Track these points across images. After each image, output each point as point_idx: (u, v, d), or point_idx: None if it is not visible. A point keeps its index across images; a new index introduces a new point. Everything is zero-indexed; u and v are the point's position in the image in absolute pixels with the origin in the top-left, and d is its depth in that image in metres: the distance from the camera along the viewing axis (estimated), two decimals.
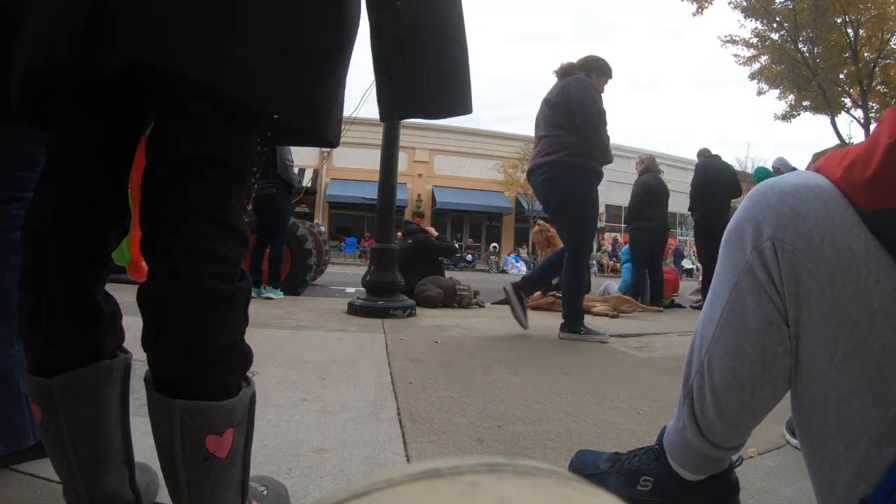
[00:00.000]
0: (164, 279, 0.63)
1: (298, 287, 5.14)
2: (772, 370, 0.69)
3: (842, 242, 0.61)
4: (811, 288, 0.63)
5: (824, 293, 0.62)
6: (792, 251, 0.64)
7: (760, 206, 0.68)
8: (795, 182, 0.66)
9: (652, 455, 0.91)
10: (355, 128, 3.98)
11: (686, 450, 0.83)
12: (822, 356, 0.64)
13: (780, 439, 1.36)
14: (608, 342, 2.90)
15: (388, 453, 1.19)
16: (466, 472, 0.18)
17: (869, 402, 0.61)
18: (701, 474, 0.84)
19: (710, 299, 0.77)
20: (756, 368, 0.70)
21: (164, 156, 0.65)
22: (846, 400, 0.63)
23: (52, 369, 0.66)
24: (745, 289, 0.69)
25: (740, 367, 0.71)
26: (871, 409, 0.61)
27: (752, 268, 0.67)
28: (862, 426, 0.62)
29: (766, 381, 0.70)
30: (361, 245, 19.35)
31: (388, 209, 3.78)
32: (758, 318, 0.68)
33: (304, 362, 2.04)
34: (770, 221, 0.66)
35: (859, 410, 0.62)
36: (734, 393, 0.73)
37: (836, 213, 0.63)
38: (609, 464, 0.99)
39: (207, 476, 0.64)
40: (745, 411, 0.74)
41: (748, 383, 0.71)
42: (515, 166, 21.55)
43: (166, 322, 0.63)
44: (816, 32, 10.95)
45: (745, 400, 0.72)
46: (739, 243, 0.70)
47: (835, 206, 0.63)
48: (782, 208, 0.65)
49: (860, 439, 0.62)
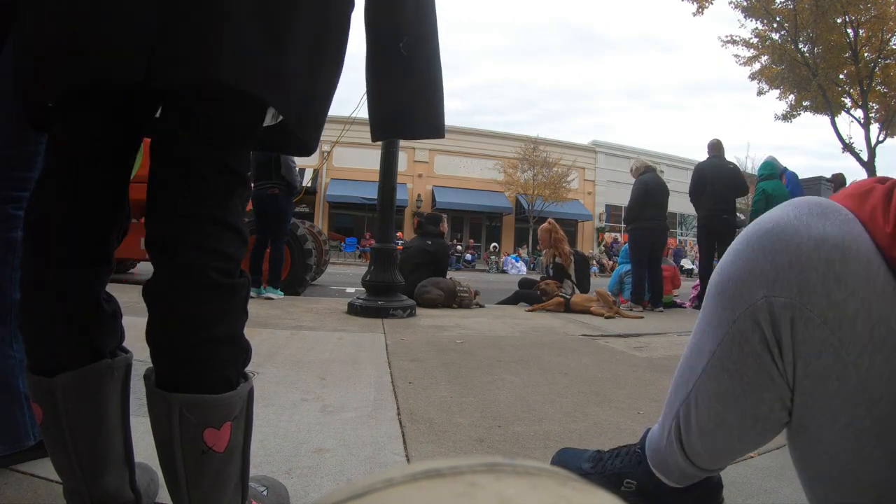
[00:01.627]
0: (167, 273, 0.65)
1: (298, 287, 5.14)
2: (765, 424, 0.63)
3: (878, 317, 0.51)
4: (833, 367, 0.53)
5: (847, 374, 0.53)
6: (819, 324, 0.52)
7: (782, 251, 0.54)
8: (837, 228, 0.53)
9: (634, 458, 0.90)
10: (355, 128, 3.97)
11: (669, 464, 0.81)
12: (833, 427, 0.56)
13: (780, 439, 1.36)
14: (608, 342, 2.90)
15: (388, 453, 1.19)
16: (466, 472, 0.18)
17: (883, 464, 0.55)
18: (681, 484, 0.83)
19: (698, 330, 0.68)
20: (747, 420, 0.63)
21: (171, 157, 0.67)
22: (854, 462, 0.56)
23: (54, 368, 0.67)
24: (745, 337, 0.59)
25: (730, 414, 0.64)
26: (886, 470, 0.55)
27: (757, 318, 0.57)
28: (870, 482, 0.57)
29: (759, 430, 0.64)
30: (361, 245, 19.35)
31: (388, 209, 3.78)
32: (757, 371, 0.59)
33: (304, 362, 2.04)
34: (794, 276, 0.53)
35: (871, 472, 0.56)
36: (722, 435, 0.68)
37: (877, 279, 0.51)
38: (591, 464, 0.98)
39: (206, 470, 0.65)
40: (732, 451, 0.72)
41: (737, 431, 0.66)
42: (515, 166, 21.56)
43: (170, 314, 0.65)
44: (817, 32, 10.95)
45: (733, 444, 0.69)
46: (739, 288, 0.59)
47: (876, 270, 0.52)
48: (816, 263, 0.52)
49: (867, 490, 0.58)
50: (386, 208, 3.77)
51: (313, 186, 20.39)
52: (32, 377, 0.68)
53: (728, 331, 0.60)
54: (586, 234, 24.52)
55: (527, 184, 21.40)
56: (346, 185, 20.63)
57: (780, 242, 0.54)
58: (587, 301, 4.47)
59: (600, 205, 24.63)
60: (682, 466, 0.78)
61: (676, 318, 4.42)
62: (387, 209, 3.78)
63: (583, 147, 25.10)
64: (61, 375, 0.67)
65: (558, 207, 21.36)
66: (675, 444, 0.76)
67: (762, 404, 0.61)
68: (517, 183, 21.55)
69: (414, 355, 2.28)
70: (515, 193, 22.04)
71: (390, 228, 3.87)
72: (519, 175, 21.64)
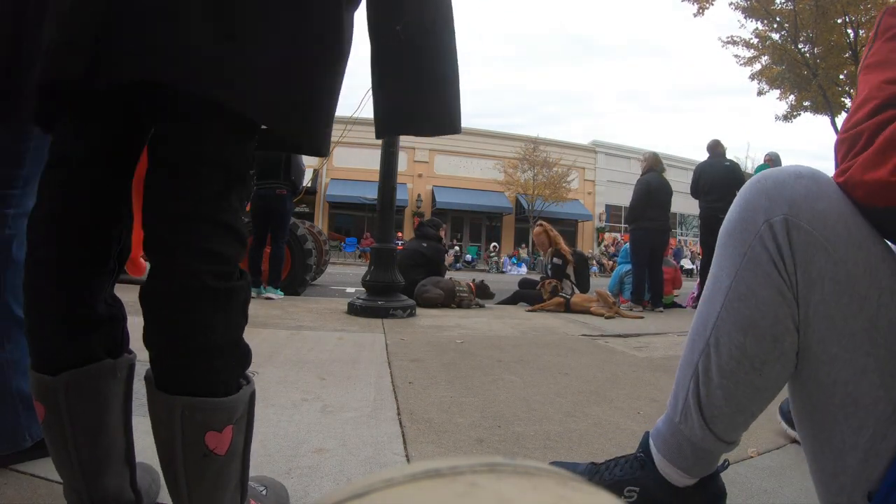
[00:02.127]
0: (163, 277, 0.64)
1: (298, 287, 5.14)
2: (782, 345, 0.68)
3: (853, 222, 0.64)
4: (825, 266, 0.63)
5: (838, 270, 0.63)
6: (808, 230, 0.64)
7: (771, 187, 0.67)
8: (807, 169, 0.68)
9: (636, 464, 0.88)
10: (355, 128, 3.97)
11: (682, 445, 0.80)
12: (831, 338, 0.64)
13: (780, 439, 1.37)
14: (608, 342, 2.90)
15: (388, 453, 1.19)
16: (466, 472, 0.18)
17: (877, 381, 0.62)
18: (692, 477, 0.82)
19: (713, 277, 0.75)
20: (767, 343, 0.68)
21: (165, 157, 0.66)
22: (853, 381, 0.63)
23: (57, 367, 0.67)
24: (756, 260, 0.68)
25: (751, 341, 0.69)
26: (879, 389, 0.62)
27: (763, 239, 0.67)
28: (868, 407, 0.63)
29: (776, 356, 0.69)
30: (361, 245, 19.34)
31: (388, 209, 3.78)
32: (769, 289, 0.67)
33: (304, 362, 2.04)
34: (783, 200, 0.66)
35: (867, 391, 0.63)
36: (743, 372, 0.71)
37: (845, 196, 0.65)
38: (587, 476, 0.94)
39: (206, 473, 0.65)
40: (754, 394, 0.73)
41: (758, 360, 0.70)
42: (515, 166, 21.56)
43: (166, 319, 0.64)
44: (817, 33, 10.94)
45: (755, 380, 0.71)
46: (745, 224, 0.69)
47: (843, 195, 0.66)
48: (797, 188, 0.66)
49: (866, 422, 0.63)
50: (386, 208, 3.77)
51: (313, 186, 20.37)
52: (35, 375, 0.68)
53: (741, 262, 0.69)
54: (586, 234, 24.52)
55: (527, 184, 21.40)
56: (346, 185, 20.62)
57: (767, 181, 0.68)
58: (587, 301, 4.47)
59: (600, 205, 24.62)
60: (697, 440, 0.78)
61: (676, 318, 4.41)
62: (387, 209, 3.77)
63: (583, 147, 25.09)
64: (64, 374, 0.67)
65: (558, 207, 21.37)
66: (694, 409, 0.77)
67: (778, 323, 0.67)
68: (517, 183, 21.54)
69: (414, 355, 2.28)
70: (515, 193, 22.04)
71: (390, 228, 3.87)
72: (519, 175, 21.63)
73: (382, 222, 3.82)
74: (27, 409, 0.97)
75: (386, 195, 3.76)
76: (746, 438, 0.85)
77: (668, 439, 0.83)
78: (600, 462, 0.96)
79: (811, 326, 0.66)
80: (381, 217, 3.80)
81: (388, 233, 3.87)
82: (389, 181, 3.77)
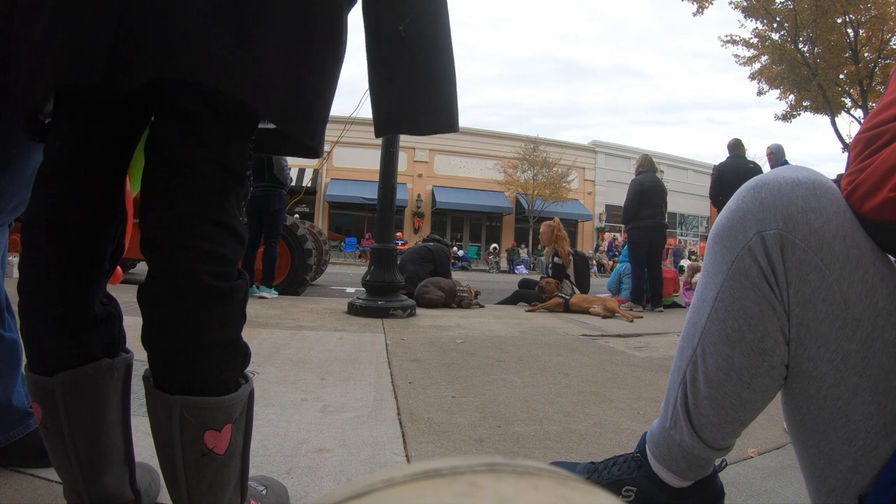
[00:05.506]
0: (162, 277, 0.64)
1: (298, 287, 5.13)
2: (771, 359, 0.66)
3: (851, 240, 0.60)
4: (819, 287, 0.60)
5: (832, 293, 0.60)
6: (803, 248, 0.60)
7: (767, 196, 0.63)
8: (808, 175, 0.63)
9: (633, 464, 0.88)
10: (355, 128, 3.96)
11: (673, 450, 0.79)
12: (823, 356, 0.62)
13: (780, 439, 1.36)
14: (608, 342, 2.90)
15: (388, 453, 1.19)
16: (466, 472, 0.18)
17: (868, 398, 0.61)
18: (686, 479, 0.81)
19: (702, 282, 0.73)
20: (755, 357, 0.66)
21: (165, 157, 0.66)
22: (844, 398, 0.62)
23: (53, 368, 0.67)
24: (744, 272, 0.64)
25: (738, 354, 0.67)
26: (871, 406, 0.61)
27: (754, 251, 0.63)
28: (859, 423, 0.61)
29: (765, 370, 0.66)
30: (361, 245, 19.34)
31: (388, 209, 3.78)
32: (760, 303, 0.64)
33: (303, 362, 2.04)
34: (779, 213, 0.62)
35: (858, 407, 0.61)
36: (731, 384, 0.69)
37: (846, 211, 0.61)
38: (586, 475, 0.94)
39: (206, 472, 0.65)
40: (742, 406, 0.71)
41: (746, 373, 0.67)
42: (515, 166, 21.55)
43: (164, 319, 0.64)
44: (817, 32, 10.95)
45: (743, 393, 0.69)
46: (735, 232, 0.65)
47: (845, 205, 0.62)
48: (795, 199, 0.61)
49: (857, 435, 0.62)
50: (386, 208, 3.77)
51: (313, 186, 20.39)
52: (32, 376, 0.68)
53: (728, 272, 0.66)
54: (586, 234, 24.52)
55: (527, 184, 21.39)
56: (346, 185, 20.63)
57: (763, 189, 0.64)
58: (587, 301, 4.47)
59: (600, 205, 24.62)
60: (687, 447, 0.76)
61: (676, 318, 4.41)
62: (387, 209, 3.77)
63: (583, 147, 25.09)
64: (61, 374, 0.67)
65: (558, 207, 21.36)
66: (682, 416, 0.75)
67: (767, 337, 0.65)
68: (517, 183, 21.54)
69: (414, 355, 2.28)
70: (515, 193, 22.03)
71: (390, 228, 3.87)
72: (519, 175, 21.63)
73: (382, 222, 3.82)
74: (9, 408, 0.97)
75: (386, 195, 3.76)
76: (747, 439, 0.85)
77: (661, 443, 0.82)
78: (599, 461, 0.96)
79: (802, 343, 0.63)
80: (380, 217, 3.80)
81: (388, 233, 3.87)
82: (389, 181, 3.77)
